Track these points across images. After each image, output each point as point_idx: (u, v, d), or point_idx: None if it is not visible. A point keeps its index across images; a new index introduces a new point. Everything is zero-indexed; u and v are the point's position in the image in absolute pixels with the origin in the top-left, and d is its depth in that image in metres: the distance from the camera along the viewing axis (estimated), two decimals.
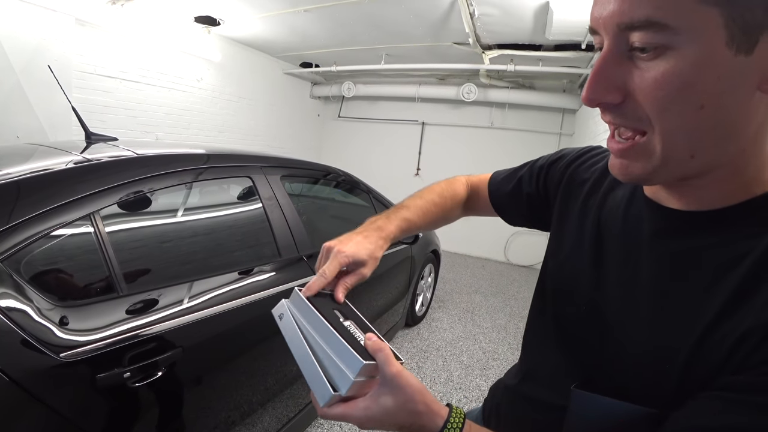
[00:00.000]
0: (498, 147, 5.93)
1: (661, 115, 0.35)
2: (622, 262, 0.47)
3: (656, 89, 0.34)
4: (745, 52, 0.32)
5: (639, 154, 0.38)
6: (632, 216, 0.48)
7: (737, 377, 0.33)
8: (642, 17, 0.33)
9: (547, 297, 0.59)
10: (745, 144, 0.37)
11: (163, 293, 1.02)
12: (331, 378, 0.45)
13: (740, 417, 0.31)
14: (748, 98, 0.34)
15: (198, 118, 4.75)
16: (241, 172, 1.45)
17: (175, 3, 3.70)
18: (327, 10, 3.57)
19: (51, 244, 0.86)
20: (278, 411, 1.39)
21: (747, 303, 0.35)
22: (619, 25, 0.35)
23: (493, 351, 2.89)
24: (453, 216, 0.78)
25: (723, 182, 0.39)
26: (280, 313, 0.53)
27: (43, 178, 0.93)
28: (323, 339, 0.47)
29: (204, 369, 1.08)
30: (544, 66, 4.26)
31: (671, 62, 0.33)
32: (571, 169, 0.62)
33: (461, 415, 0.43)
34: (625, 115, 0.38)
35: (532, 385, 0.58)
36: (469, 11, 3.26)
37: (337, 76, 6.24)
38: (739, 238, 0.38)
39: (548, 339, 0.56)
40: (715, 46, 0.32)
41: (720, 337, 0.35)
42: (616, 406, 0.41)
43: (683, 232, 0.42)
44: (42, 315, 0.79)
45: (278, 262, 1.42)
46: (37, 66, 2.92)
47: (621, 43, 0.36)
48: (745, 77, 0.33)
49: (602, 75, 0.37)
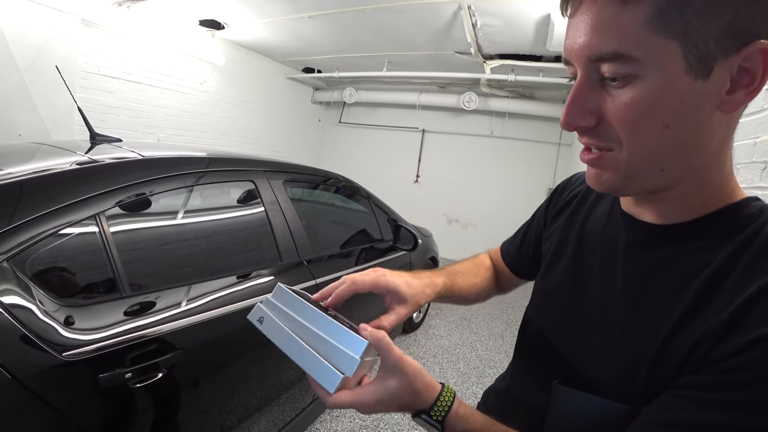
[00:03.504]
0: (498, 155, 5.98)
1: (632, 134, 0.39)
2: (600, 271, 0.51)
3: (626, 113, 0.38)
4: (703, 77, 0.36)
5: (608, 165, 0.42)
6: (610, 229, 0.52)
7: (695, 377, 0.37)
8: (610, 50, 0.37)
9: (534, 303, 0.62)
10: (709, 158, 0.41)
11: (166, 295, 1.03)
12: (333, 363, 0.45)
13: (698, 412, 0.35)
14: (709, 117, 0.38)
15: (200, 121, 4.76)
16: (245, 176, 1.46)
17: (180, 6, 3.73)
18: (331, 16, 3.61)
19: (56, 243, 0.86)
20: (275, 415, 1.39)
21: (704, 309, 0.39)
22: (590, 57, 0.38)
23: (489, 359, 2.89)
24: (488, 286, 0.77)
25: (689, 195, 0.43)
26: (259, 317, 0.53)
27: (50, 178, 0.93)
28: (320, 327, 0.47)
29: (204, 371, 1.09)
30: (544, 76, 4.30)
31: (638, 89, 0.37)
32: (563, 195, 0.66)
33: (452, 391, 0.48)
34: (599, 135, 0.41)
35: (519, 387, 0.61)
36: (472, 21, 3.30)
37: (339, 82, 6.28)
38: (700, 250, 0.42)
39: (534, 343, 0.60)
40: (676, 74, 0.36)
41: (681, 340, 0.39)
42: (594, 402, 0.45)
43: (653, 244, 0.46)
44: (46, 314, 0.79)
45: (279, 266, 1.43)
46: (42, 65, 2.93)
47: (592, 73, 0.39)
48: (704, 99, 0.37)
49: (577, 102, 0.41)
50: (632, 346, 0.43)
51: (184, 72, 4.42)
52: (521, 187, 5.79)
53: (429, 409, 0.46)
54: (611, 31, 0.36)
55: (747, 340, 0.34)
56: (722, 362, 0.35)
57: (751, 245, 0.39)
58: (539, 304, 0.61)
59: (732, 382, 0.34)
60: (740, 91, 0.36)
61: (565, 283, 0.56)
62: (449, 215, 6.30)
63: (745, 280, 0.37)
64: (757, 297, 0.35)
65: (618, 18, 0.36)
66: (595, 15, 0.37)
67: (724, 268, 0.39)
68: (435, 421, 0.46)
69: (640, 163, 0.40)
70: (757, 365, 0.33)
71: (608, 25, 0.36)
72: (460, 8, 3.10)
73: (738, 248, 0.39)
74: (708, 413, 0.35)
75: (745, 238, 0.40)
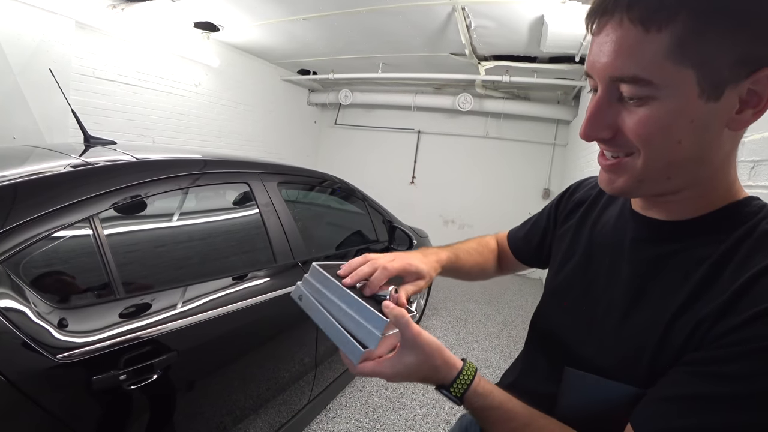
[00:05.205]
0: (493, 156, 6.00)
1: (646, 147, 0.42)
2: (609, 265, 0.54)
3: (642, 129, 0.41)
4: (715, 99, 0.39)
5: (623, 171, 0.46)
6: (619, 226, 0.56)
7: (696, 353, 0.40)
8: (630, 74, 0.40)
9: (546, 300, 0.66)
10: (714, 170, 0.44)
11: (160, 297, 1.03)
12: (359, 338, 0.50)
13: (701, 386, 0.38)
14: (718, 135, 0.41)
15: (195, 123, 4.76)
16: (239, 179, 1.47)
17: (175, 8, 3.73)
18: (326, 19, 3.62)
19: (50, 246, 0.87)
20: (271, 416, 1.39)
21: (705, 294, 0.42)
22: (611, 78, 0.41)
23: (485, 359, 2.90)
24: (490, 266, 0.85)
25: (695, 199, 0.46)
26: (299, 295, 0.58)
27: (45, 181, 0.93)
28: (348, 305, 0.53)
29: (199, 373, 1.09)
30: (538, 77, 4.33)
31: (654, 109, 0.40)
32: (574, 196, 0.70)
33: (473, 368, 0.52)
34: (616, 146, 0.45)
35: (529, 379, 0.64)
36: (466, 23, 3.32)
37: (335, 84, 6.29)
38: (703, 244, 0.45)
39: (545, 337, 0.63)
40: (689, 98, 0.39)
41: (684, 322, 0.43)
42: (606, 385, 0.48)
43: (659, 239, 0.50)
44: (40, 316, 0.79)
45: (274, 268, 1.43)
46: (36, 67, 2.93)
47: (612, 90, 0.42)
48: (714, 119, 0.40)
49: (596, 116, 0.44)
50: (637, 332, 0.46)
51: (179, 74, 4.42)
52: (517, 187, 5.82)
53: (450, 384, 0.50)
54: (633, 56, 0.39)
55: (744, 318, 0.37)
56: (722, 338, 0.38)
57: (749, 238, 0.42)
58: (550, 300, 0.64)
59: (731, 355, 0.37)
60: (748, 111, 0.40)
61: (575, 281, 0.59)
62: (445, 216, 6.32)
63: (742, 267, 0.41)
64: (754, 279, 0.39)
65: (640, 45, 0.38)
66: (619, 39, 0.40)
67: (724, 259, 0.43)
68: (455, 397, 0.50)
69: (654, 171, 0.44)
70: (754, 338, 0.36)
71: (630, 51, 0.39)
72: (454, 10, 3.12)
73: (737, 241, 0.43)
74: (710, 386, 0.37)
75: (744, 232, 0.43)
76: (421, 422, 2.08)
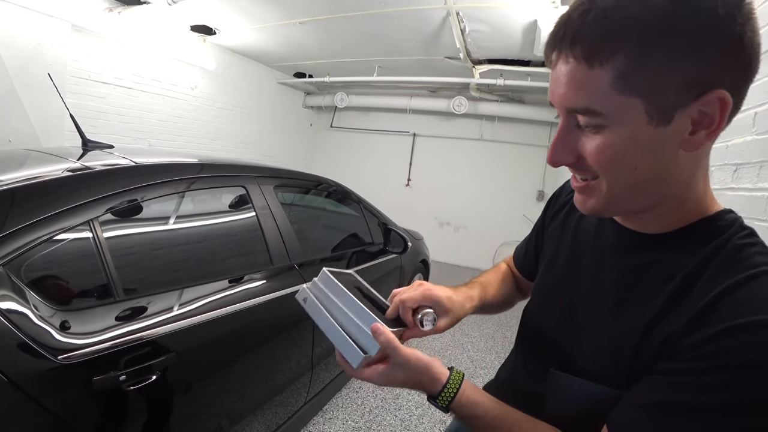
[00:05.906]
0: (488, 159, 6.04)
1: (605, 172, 0.45)
2: (591, 272, 0.57)
3: (599, 155, 0.44)
4: (665, 124, 0.40)
5: (592, 193, 0.48)
6: (601, 233, 0.58)
7: (667, 364, 0.43)
8: (582, 106, 0.42)
9: (534, 301, 0.68)
10: (681, 187, 0.46)
11: (159, 299, 1.05)
12: (360, 344, 0.54)
13: (672, 394, 0.41)
14: (674, 156, 0.43)
15: (191, 126, 4.76)
16: (236, 182, 1.48)
17: (171, 11, 3.74)
18: (322, 22, 3.65)
19: (51, 249, 0.88)
20: (267, 417, 1.41)
21: (676, 308, 0.44)
22: (567, 108, 0.44)
23: (480, 360, 2.92)
24: (514, 292, 0.85)
25: (667, 214, 0.48)
26: (303, 297, 0.61)
27: (43, 186, 0.95)
28: (353, 311, 0.56)
29: (197, 374, 1.10)
30: (532, 81, 4.37)
31: (608, 137, 0.42)
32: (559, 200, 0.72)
33: (459, 379, 0.55)
34: (582, 170, 0.48)
35: (521, 376, 0.66)
36: (461, 27, 3.35)
37: (330, 87, 6.31)
38: (677, 256, 0.47)
39: (534, 337, 0.65)
40: (638, 125, 0.41)
41: (656, 334, 0.45)
42: (586, 386, 0.51)
43: (637, 249, 0.52)
44: (41, 318, 0.81)
45: (270, 271, 1.45)
46: (32, 70, 2.93)
47: (571, 119, 0.45)
48: (667, 142, 0.42)
49: (560, 142, 0.47)
50: (616, 340, 0.49)
51: (175, 77, 4.43)
52: (511, 189, 5.86)
53: (437, 395, 0.54)
54: (582, 89, 0.42)
55: (709, 334, 0.39)
56: (692, 350, 0.40)
57: (719, 253, 0.44)
58: (538, 301, 0.67)
59: (700, 368, 0.39)
60: (701, 132, 0.41)
61: (561, 283, 0.62)
62: (441, 218, 6.35)
63: (711, 283, 0.42)
64: (721, 297, 0.41)
65: (586, 79, 0.41)
66: (568, 74, 0.42)
67: (695, 273, 0.44)
68: (442, 407, 0.54)
69: (618, 194, 0.46)
70: (722, 353, 0.38)
71: (579, 84, 0.42)
72: (448, 14, 3.15)
73: (708, 256, 0.45)
74: (680, 395, 0.40)
75: (715, 246, 0.45)
76: (416, 423, 2.10)
